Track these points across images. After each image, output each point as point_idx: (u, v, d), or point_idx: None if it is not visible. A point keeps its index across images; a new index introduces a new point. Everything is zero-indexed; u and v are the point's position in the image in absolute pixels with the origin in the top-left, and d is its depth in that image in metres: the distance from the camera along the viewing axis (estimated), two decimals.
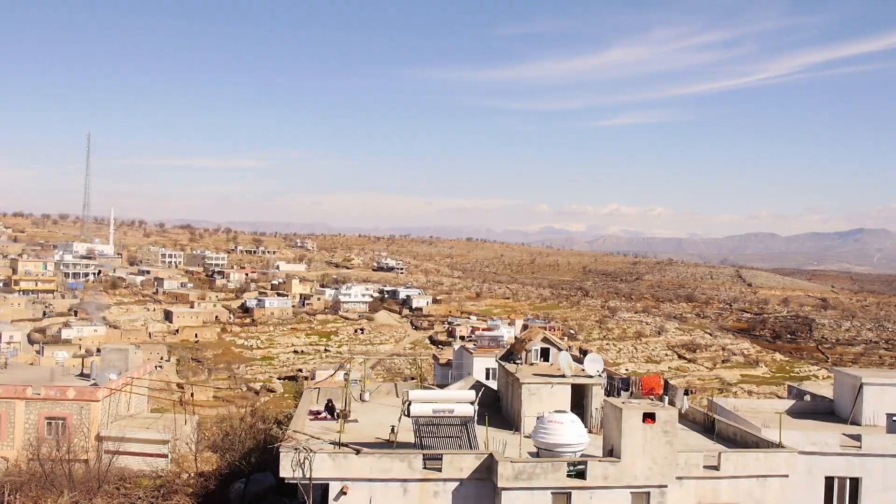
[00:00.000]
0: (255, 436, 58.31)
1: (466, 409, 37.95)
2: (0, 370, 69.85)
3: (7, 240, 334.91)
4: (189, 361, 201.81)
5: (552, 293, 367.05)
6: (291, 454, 35.09)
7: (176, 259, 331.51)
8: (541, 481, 34.31)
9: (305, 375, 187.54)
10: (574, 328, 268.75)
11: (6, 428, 60.74)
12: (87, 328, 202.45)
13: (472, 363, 78.33)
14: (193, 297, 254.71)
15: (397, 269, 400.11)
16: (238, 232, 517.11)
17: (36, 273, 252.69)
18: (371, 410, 47.27)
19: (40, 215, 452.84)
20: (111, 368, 67.09)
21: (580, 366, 46.37)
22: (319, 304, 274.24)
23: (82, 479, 49.98)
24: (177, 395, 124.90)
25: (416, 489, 35.06)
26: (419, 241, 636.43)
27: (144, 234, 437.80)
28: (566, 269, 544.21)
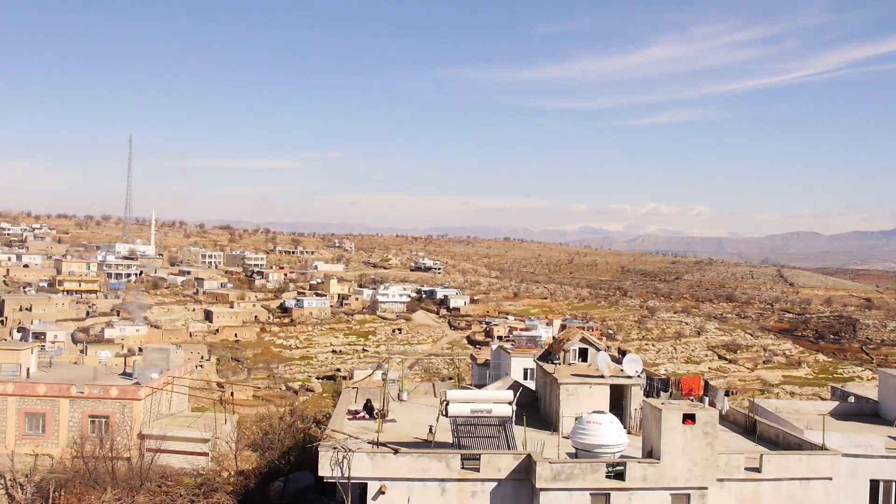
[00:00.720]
0: (294, 435, 58.69)
1: (504, 409, 37.87)
2: (45, 369, 70.98)
3: (51, 241, 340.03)
4: (229, 361, 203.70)
5: (590, 293, 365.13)
6: (330, 453, 35.26)
7: (216, 259, 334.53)
8: (579, 482, 34.15)
9: (344, 375, 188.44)
10: (612, 328, 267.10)
11: (51, 426, 61.73)
12: (129, 328, 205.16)
13: (510, 363, 78.20)
14: (233, 297, 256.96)
15: (435, 269, 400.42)
16: (277, 232, 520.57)
17: (79, 274, 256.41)
18: (409, 410, 47.36)
19: (83, 217, 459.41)
20: (153, 368, 67.89)
21: (619, 366, 46.07)
22: (357, 304, 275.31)
23: (125, 476, 50.66)
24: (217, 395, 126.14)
25: (455, 489, 35.07)
26: (457, 241, 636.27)
27: (185, 234, 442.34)
28: (604, 268, 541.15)
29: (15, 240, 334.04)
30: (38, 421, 61.93)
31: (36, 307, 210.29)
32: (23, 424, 61.82)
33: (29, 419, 61.94)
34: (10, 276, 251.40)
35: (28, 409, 61.86)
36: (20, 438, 61.53)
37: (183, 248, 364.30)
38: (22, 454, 59.73)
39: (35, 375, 66.80)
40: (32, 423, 61.95)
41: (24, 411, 61.85)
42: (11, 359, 65.96)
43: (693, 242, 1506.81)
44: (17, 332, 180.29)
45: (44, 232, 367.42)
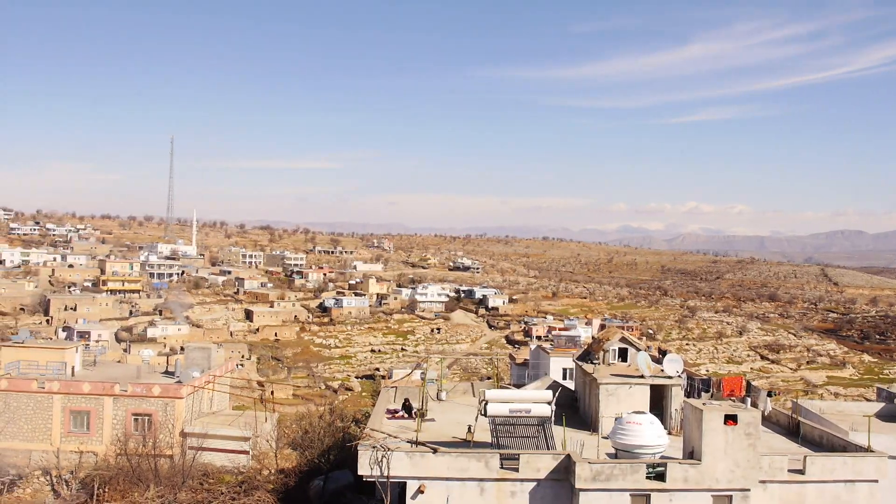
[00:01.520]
0: (333, 434, 58.96)
1: (543, 409, 37.73)
2: (89, 368, 72.09)
3: (95, 241, 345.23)
4: (269, 360, 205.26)
5: (630, 292, 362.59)
6: (369, 452, 35.37)
7: (256, 259, 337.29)
8: (619, 483, 33.92)
9: (382, 374, 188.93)
10: (653, 328, 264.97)
11: (95, 423, 62.66)
12: (171, 327, 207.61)
13: (549, 363, 77.96)
14: (273, 296, 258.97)
15: (473, 268, 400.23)
16: (316, 232, 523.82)
17: (123, 273, 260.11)
18: (448, 410, 47.36)
19: (126, 217, 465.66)
20: (194, 366, 68.62)
21: (659, 366, 45.69)
22: (396, 303, 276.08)
23: (167, 473, 51.29)
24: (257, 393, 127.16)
25: (493, 489, 35.00)
26: (495, 241, 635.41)
27: (225, 234, 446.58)
28: (644, 268, 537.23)
29: (60, 240, 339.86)
30: (83, 419, 62.93)
31: (80, 307, 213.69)
32: (68, 422, 62.86)
33: (74, 417, 62.96)
34: (56, 276, 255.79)
35: (73, 407, 62.88)
36: (65, 436, 62.58)
37: (224, 248, 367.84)
38: (67, 451, 60.74)
39: (80, 374, 67.90)
40: (77, 421, 62.96)
41: (70, 409, 62.88)
42: (57, 357, 67.13)
43: (735, 241, 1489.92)
44: (63, 332, 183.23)
45: (88, 232, 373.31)
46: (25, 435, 62.66)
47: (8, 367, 66.42)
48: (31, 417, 62.88)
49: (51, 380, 63.85)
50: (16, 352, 68.76)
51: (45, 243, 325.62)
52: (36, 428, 62.79)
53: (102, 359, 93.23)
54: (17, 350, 69.21)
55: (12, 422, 62.35)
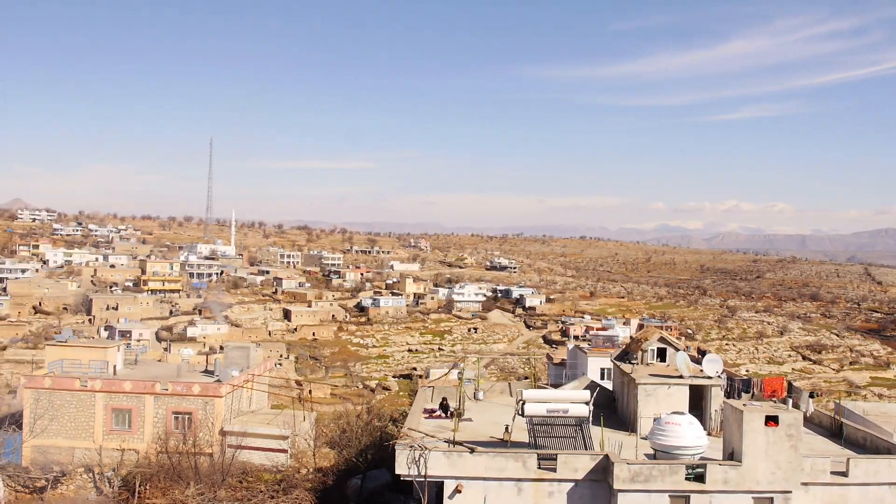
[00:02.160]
0: (371, 433, 59.11)
1: (581, 409, 37.55)
2: (131, 366, 72.99)
3: (136, 242, 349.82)
4: (307, 359, 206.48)
5: (668, 292, 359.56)
6: (407, 452, 35.43)
7: (294, 259, 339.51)
8: (658, 484, 33.67)
9: (420, 374, 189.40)
10: (692, 328, 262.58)
11: (137, 421, 63.45)
12: (210, 326, 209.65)
13: (587, 363, 77.57)
14: (311, 296, 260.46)
15: (510, 268, 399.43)
16: (353, 232, 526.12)
17: (163, 273, 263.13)
18: (485, 409, 47.31)
19: (167, 218, 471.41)
20: (233, 365, 69.16)
21: (698, 366, 45.27)
22: (433, 303, 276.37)
23: (207, 471, 51.73)
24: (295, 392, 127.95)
25: (531, 489, 34.91)
26: (532, 240, 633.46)
27: (264, 235, 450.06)
28: (683, 267, 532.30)
29: (102, 241, 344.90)
30: (125, 417, 63.76)
31: (122, 306, 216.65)
32: (110, 420, 63.72)
33: (116, 415, 63.81)
34: (98, 276, 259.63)
35: (115, 405, 63.73)
36: (107, 433, 63.44)
37: (262, 248, 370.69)
38: (109, 449, 61.55)
39: (121, 373, 68.77)
40: (119, 419, 63.81)
41: (112, 407, 63.74)
42: (99, 356, 68.02)
43: (775, 240, 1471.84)
44: (105, 331, 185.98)
45: (129, 233, 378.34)
46: (69, 432, 63.64)
47: (52, 366, 67.50)
48: (75, 415, 63.85)
49: (93, 378, 64.74)
50: (59, 351, 69.80)
51: (87, 244, 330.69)
52: (79, 426, 63.75)
53: (143, 358, 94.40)
54: (60, 349, 70.24)
55: (56, 419, 63.36)
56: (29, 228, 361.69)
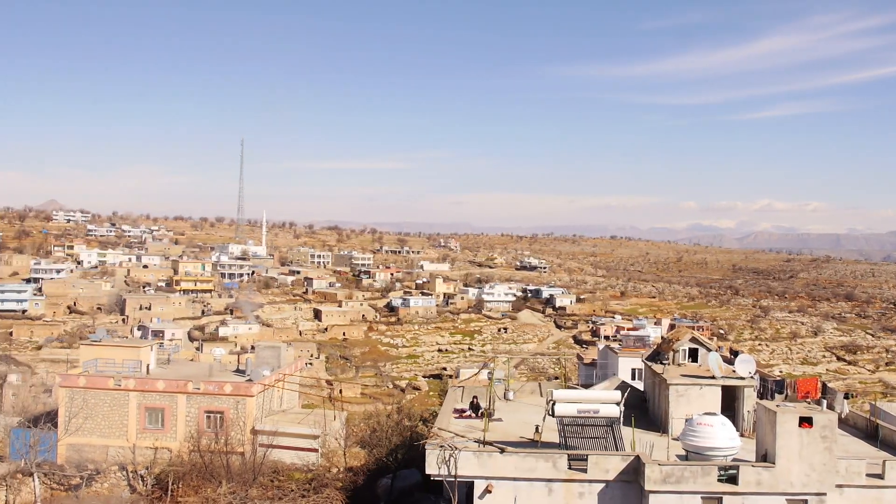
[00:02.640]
0: (401, 433, 59.24)
1: (612, 409, 37.35)
2: (163, 366, 73.66)
3: (169, 242, 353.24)
4: (337, 359, 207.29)
5: (700, 292, 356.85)
6: (437, 451, 35.44)
7: (324, 259, 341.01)
8: (690, 485, 33.41)
9: (450, 374, 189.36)
10: (724, 328, 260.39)
11: (169, 420, 64.02)
12: (241, 326, 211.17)
13: (617, 363, 77.19)
14: (341, 296, 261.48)
15: (540, 267, 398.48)
16: (383, 232, 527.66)
17: (195, 274, 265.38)
18: (515, 409, 47.22)
19: (198, 219, 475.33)
20: (265, 365, 69.55)
21: (730, 367, 44.87)
22: (463, 303, 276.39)
23: (239, 470, 52.11)
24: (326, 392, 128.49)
25: (561, 489, 34.78)
26: (562, 240, 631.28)
27: (294, 235, 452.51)
28: (715, 266, 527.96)
29: (135, 241, 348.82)
30: (158, 415, 64.36)
31: (155, 306, 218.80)
32: (143, 418, 64.35)
33: (149, 413, 64.43)
34: (131, 277, 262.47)
35: (148, 404, 64.36)
36: (141, 432, 64.06)
37: (293, 248, 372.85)
38: (142, 447, 62.16)
39: (154, 372, 69.41)
40: (152, 418, 64.42)
41: (145, 406, 64.37)
42: (133, 356, 68.72)
43: (809, 239, 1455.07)
44: (138, 330, 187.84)
45: (161, 234, 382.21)
46: (103, 431, 64.35)
47: (86, 365, 68.29)
48: (108, 414, 64.56)
49: (127, 377, 65.42)
50: (94, 350, 70.59)
51: (120, 244, 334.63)
52: (113, 424, 64.44)
53: (176, 357, 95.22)
54: (95, 348, 71.02)
55: (91, 418, 64.09)
56: (64, 229, 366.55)
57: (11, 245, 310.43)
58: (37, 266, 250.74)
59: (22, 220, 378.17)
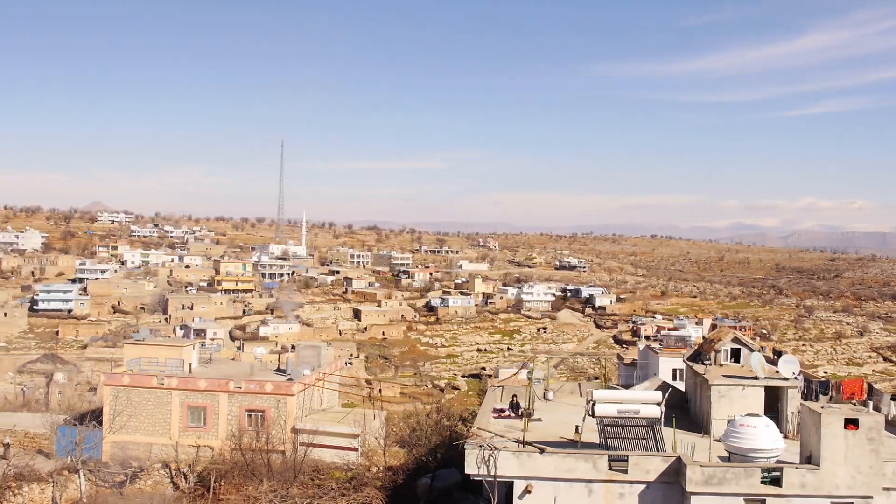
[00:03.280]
0: (440, 432, 59.24)
1: (652, 410, 37.03)
2: (205, 365, 74.42)
3: (210, 243, 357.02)
4: (377, 358, 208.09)
5: (742, 291, 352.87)
6: (476, 451, 35.40)
7: (364, 259, 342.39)
8: (732, 487, 33.04)
9: (489, 373, 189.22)
10: (767, 328, 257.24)
11: (211, 419, 64.69)
12: (282, 326, 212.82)
13: (658, 363, 76.48)
14: (380, 296, 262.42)
15: (580, 267, 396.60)
16: (422, 232, 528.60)
17: (236, 274, 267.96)
18: (554, 409, 47.02)
19: (239, 219, 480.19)
20: (305, 364, 69.94)
21: (774, 367, 44.27)
22: (502, 302, 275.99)
23: (280, 468, 52.49)
24: (366, 391, 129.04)
25: (602, 490, 34.58)
26: (602, 239, 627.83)
27: (334, 235, 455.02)
28: (757, 266, 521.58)
29: (177, 242, 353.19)
30: (200, 414, 65.04)
31: (197, 306, 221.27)
32: (186, 417, 65.08)
33: (191, 412, 65.14)
34: (173, 276, 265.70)
35: (190, 403, 65.07)
36: (183, 430, 64.78)
37: (332, 248, 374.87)
38: (185, 445, 62.84)
39: (196, 371, 70.15)
40: (194, 416, 65.12)
41: (187, 404, 65.09)
42: (175, 355, 69.54)
43: (855, 238, 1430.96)
44: (180, 330, 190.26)
45: (203, 234, 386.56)
46: (146, 429, 65.19)
47: (130, 364, 69.23)
48: (152, 412, 65.38)
49: (170, 376, 66.18)
50: (137, 349, 71.56)
51: (163, 245, 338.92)
52: (156, 422, 65.26)
53: (217, 356, 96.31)
54: (138, 347, 72.01)
55: (135, 416, 64.95)
56: (108, 230, 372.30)
57: (57, 246, 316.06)
58: (82, 266, 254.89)
59: (67, 222, 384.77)
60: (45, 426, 66.42)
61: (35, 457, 61.43)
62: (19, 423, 72.18)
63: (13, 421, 73.19)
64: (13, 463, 56.62)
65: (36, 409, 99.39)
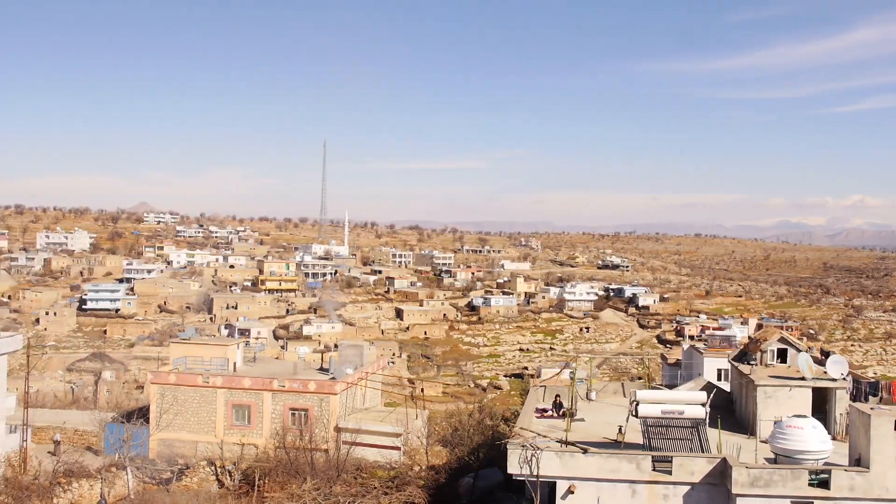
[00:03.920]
0: (482, 432, 59.18)
1: (697, 410, 36.64)
2: (249, 364, 75.16)
3: (254, 243, 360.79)
4: (419, 358, 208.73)
5: (789, 291, 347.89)
6: (519, 451, 35.32)
7: (405, 259, 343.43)
8: (779, 489, 32.57)
9: (531, 373, 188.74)
10: (814, 328, 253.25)
11: (255, 417, 65.32)
12: (325, 325, 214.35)
13: (703, 363, 75.76)
14: (422, 295, 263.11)
15: (622, 266, 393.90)
16: (464, 232, 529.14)
17: (279, 273, 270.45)
18: (597, 410, 46.76)
19: (283, 219, 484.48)
20: (347, 363, 70.29)
21: (821, 368, 43.55)
22: (544, 302, 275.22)
23: (323, 467, 52.80)
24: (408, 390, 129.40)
25: (645, 491, 34.31)
26: (645, 238, 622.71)
27: (376, 235, 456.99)
28: (804, 265, 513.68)
29: (222, 242, 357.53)
30: (244, 412, 65.71)
31: (241, 305, 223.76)
32: (230, 415, 65.79)
33: (236, 410, 65.84)
34: (218, 276, 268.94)
35: (235, 401, 65.78)
36: (228, 428, 65.51)
37: (374, 248, 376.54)
38: (230, 443, 63.54)
39: (241, 369, 70.87)
40: (239, 414, 65.81)
41: (232, 403, 65.80)
42: (220, 354, 70.32)
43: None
44: (225, 329, 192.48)
45: (247, 234, 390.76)
46: (192, 427, 66.02)
47: (176, 363, 70.18)
48: (197, 410, 66.21)
49: (215, 375, 66.94)
50: (183, 348, 72.48)
51: (208, 245, 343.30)
52: (201, 420, 66.07)
53: (261, 355, 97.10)
54: (184, 346, 72.93)
55: (181, 414, 65.83)
56: (154, 231, 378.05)
57: (105, 246, 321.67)
58: (129, 266, 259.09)
59: (115, 222, 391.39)
60: (93, 423, 67.50)
61: (84, 453, 62.51)
62: (69, 420, 73.49)
63: (63, 418, 74.52)
64: (63, 459, 57.67)
65: (85, 406, 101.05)
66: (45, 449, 66.40)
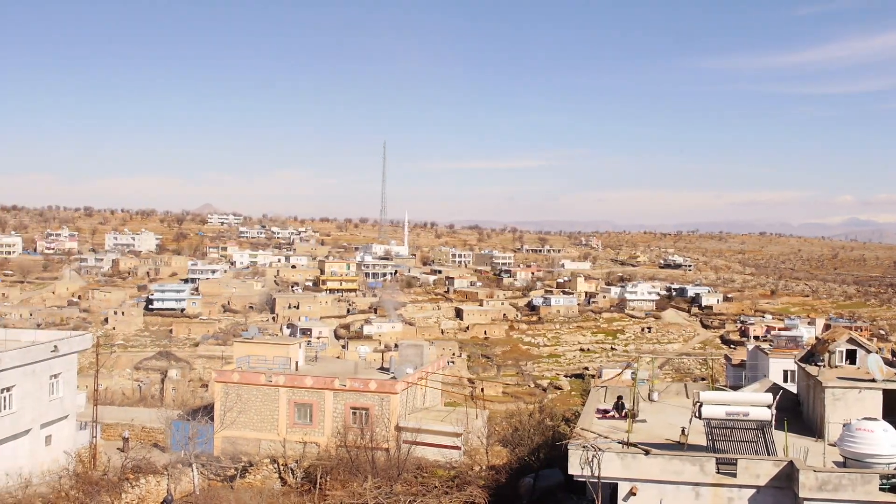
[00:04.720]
0: (543, 432, 58.90)
1: (762, 412, 35.95)
2: (311, 363, 75.94)
3: (315, 243, 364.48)
4: (479, 358, 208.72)
5: (858, 290, 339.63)
6: (580, 452, 35.07)
7: (465, 259, 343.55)
8: (848, 493, 31.78)
9: (592, 373, 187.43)
10: (884, 328, 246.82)
11: (317, 416, 65.98)
12: (385, 325, 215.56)
13: (768, 364, 74.52)
14: (482, 295, 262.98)
15: (685, 265, 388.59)
16: (524, 231, 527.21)
17: (340, 273, 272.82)
18: (659, 411, 46.19)
19: (343, 220, 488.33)
20: (408, 363, 70.58)
21: (892, 369, 42.42)
22: (605, 302, 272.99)
23: (384, 466, 53.12)
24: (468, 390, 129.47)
25: (709, 494, 33.80)
26: (708, 237, 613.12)
27: (436, 235, 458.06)
28: (874, 263, 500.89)
29: (284, 243, 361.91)
30: (306, 411, 66.44)
31: (303, 305, 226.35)
32: (293, 414, 66.58)
33: (298, 409, 66.60)
34: (280, 276, 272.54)
35: (297, 400, 66.54)
36: (290, 427, 66.30)
37: (434, 247, 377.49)
38: (292, 441, 64.32)
39: (303, 369, 71.62)
40: (301, 413, 66.56)
41: (294, 402, 66.57)
42: (282, 353, 71.17)
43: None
44: (287, 328, 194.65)
45: (308, 235, 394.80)
46: (255, 425, 66.99)
47: (239, 362, 71.27)
48: (260, 409, 67.16)
49: (277, 374, 67.80)
50: (246, 347, 73.51)
51: (270, 246, 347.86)
52: (264, 419, 66.99)
53: (323, 354, 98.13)
54: (247, 345, 73.95)
55: (244, 412, 66.83)
56: (218, 232, 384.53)
57: (170, 247, 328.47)
58: (193, 267, 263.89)
59: (180, 224, 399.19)
60: (160, 421, 68.95)
61: (151, 450, 63.87)
62: (136, 417, 75.21)
63: (131, 415, 76.30)
64: (131, 456, 58.98)
65: (152, 404, 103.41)
66: (113, 445, 68.13)
